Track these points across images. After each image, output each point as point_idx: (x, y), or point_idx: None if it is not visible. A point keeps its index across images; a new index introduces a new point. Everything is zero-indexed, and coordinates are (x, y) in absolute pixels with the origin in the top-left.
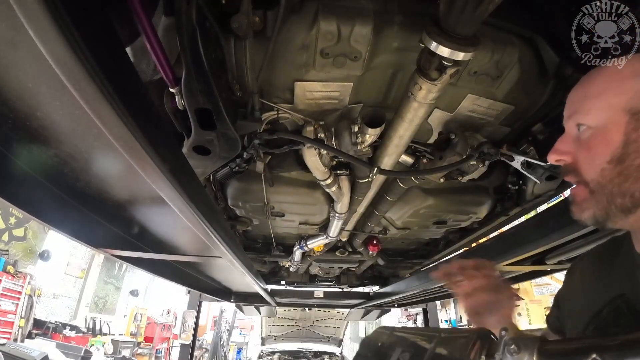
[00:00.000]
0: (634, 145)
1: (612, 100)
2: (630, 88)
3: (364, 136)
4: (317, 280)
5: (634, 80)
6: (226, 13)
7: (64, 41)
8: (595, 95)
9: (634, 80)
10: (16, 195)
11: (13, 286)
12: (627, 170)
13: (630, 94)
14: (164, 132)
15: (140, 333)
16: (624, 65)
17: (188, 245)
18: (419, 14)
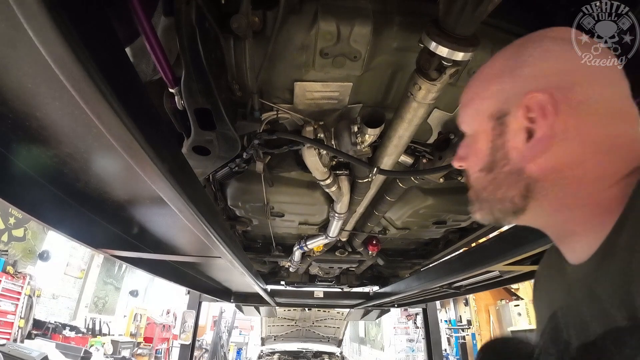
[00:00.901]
0: (500, 152)
1: (478, 106)
2: (494, 91)
3: (364, 136)
4: (317, 281)
5: (497, 83)
6: (226, 13)
7: (63, 41)
8: (467, 102)
9: (496, 83)
10: (16, 196)
11: (12, 287)
12: (497, 178)
13: (494, 97)
14: (164, 132)
15: (140, 333)
16: (488, 69)
17: (187, 245)
18: (419, 14)
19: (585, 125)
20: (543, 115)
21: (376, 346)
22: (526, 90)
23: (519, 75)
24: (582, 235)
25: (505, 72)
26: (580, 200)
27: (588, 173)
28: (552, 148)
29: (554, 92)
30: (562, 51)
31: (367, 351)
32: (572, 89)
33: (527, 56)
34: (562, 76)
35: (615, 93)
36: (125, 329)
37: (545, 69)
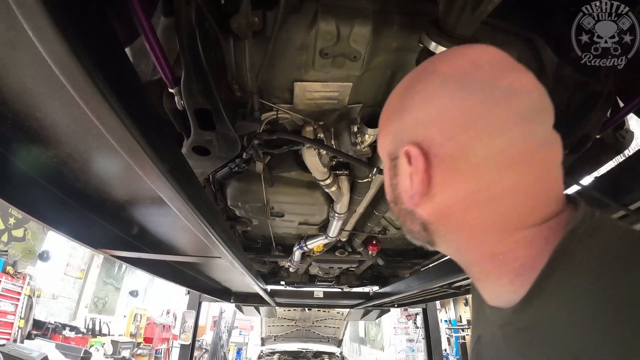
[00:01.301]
0: (396, 191)
1: (381, 142)
2: (389, 130)
3: (364, 136)
4: (317, 281)
5: (391, 122)
6: (225, 13)
7: (62, 41)
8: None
9: (390, 122)
10: (15, 196)
11: (12, 287)
12: (401, 212)
13: (388, 138)
14: (163, 132)
15: (140, 333)
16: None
17: (187, 245)
18: (419, 14)
19: (465, 180)
20: (416, 169)
21: (376, 346)
22: (407, 138)
23: (403, 121)
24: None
25: (395, 114)
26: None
27: (475, 224)
28: (436, 197)
29: (429, 146)
30: (445, 99)
31: (367, 351)
32: (449, 144)
33: (411, 99)
34: (440, 129)
35: (505, 147)
36: (125, 329)
37: (424, 119)
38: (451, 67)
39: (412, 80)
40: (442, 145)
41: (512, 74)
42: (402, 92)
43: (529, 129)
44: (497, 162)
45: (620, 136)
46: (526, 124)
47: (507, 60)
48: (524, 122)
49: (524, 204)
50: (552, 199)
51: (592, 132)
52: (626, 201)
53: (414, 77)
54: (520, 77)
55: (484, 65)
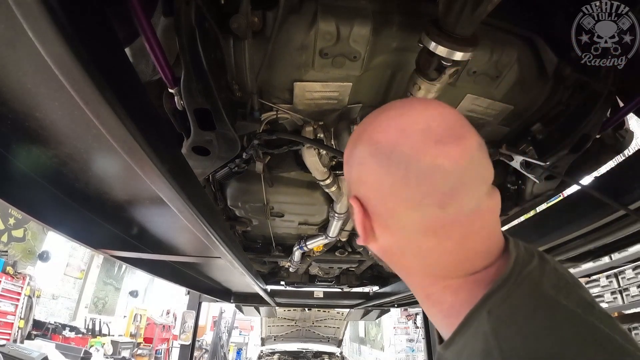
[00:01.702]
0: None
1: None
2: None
3: None
4: (317, 281)
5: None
6: (225, 13)
7: (62, 42)
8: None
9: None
10: (15, 196)
11: (12, 287)
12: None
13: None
14: (163, 132)
15: (140, 334)
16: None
17: (187, 245)
18: (418, 14)
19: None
20: (357, 218)
21: (376, 346)
22: (352, 191)
23: (350, 174)
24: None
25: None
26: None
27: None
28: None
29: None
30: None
31: (367, 351)
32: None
33: (353, 158)
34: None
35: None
36: (125, 330)
37: (360, 179)
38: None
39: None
40: (374, 206)
41: (437, 148)
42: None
43: (448, 203)
44: (418, 228)
45: (620, 136)
46: (446, 199)
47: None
48: (444, 198)
49: (448, 260)
50: (479, 255)
51: (592, 132)
52: (626, 201)
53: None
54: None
55: (411, 138)
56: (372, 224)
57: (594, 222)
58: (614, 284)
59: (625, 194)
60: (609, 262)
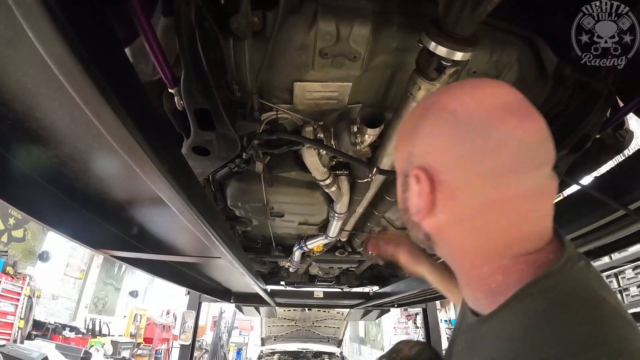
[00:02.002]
0: (406, 203)
1: (396, 157)
2: (403, 150)
3: (363, 136)
4: (317, 281)
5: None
6: (225, 13)
7: (62, 42)
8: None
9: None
10: (15, 196)
11: (12, 287)
12: (409, 222)
13: (402, 155)
14: (163, 132)
15: (140, 334)
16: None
17: (187, 246)
18: (418, 14)
19: (461, 208)
20: (421, 190)
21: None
22: (416, 162)
23: (414, 146)
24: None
25: (408, 138)
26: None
27: (466, 245)
28: (437, 215)
29: (434, 173)
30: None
31: (367, 351)
32: (450, 175)
33: (422, 128)
34: (443, 160)
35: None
36: (125, 330)
37: (431, 149)
38: (460, 105)
39: (425, 111)
40: (444, 175)
41: (514, 120)
42: (416, 119)
43: (521, 176)
44: (486, 200)
45: (620, 136)
46: (519, 172)
47: (515, 103)
48: (518, 170)
49: (507, 237)
50: (534, 237)
51: (592, 131)
52: (626, 201)
53: (427, 108)
54: (523, 123)
55: (489, 108)
56: (436, 197)
57: (594, 222)
58: (614, 284)
59: (625, 194)
60: (609, 262)
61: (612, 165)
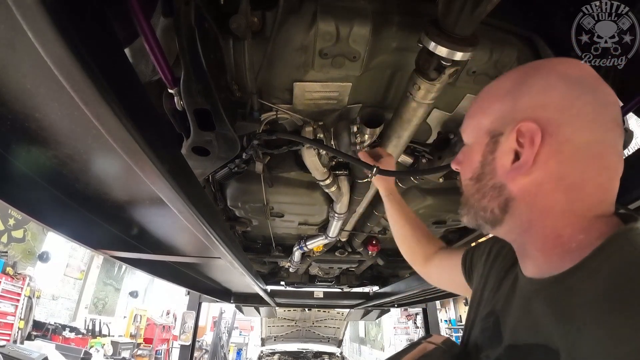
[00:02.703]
0: (489, 166)
1: (480, 120)
2: (495, 110)
3: (363, 136)
4: (317, 281)
5: (500, 103)
6: (225, 14)
7: (62, 42)
8: (472, 114)
9: (499, 103)
10: (15, 197)
11: (12, 288)
12: (483, 188)
13: (494, 115)
14: (163, 133)
15: (140, 334)
16: (496, 87)
17: (187, 246)
18: (418, 14)
19: (564, 163)
20: (531, 143)
21: (376, 346)
22: (522, 117)
23: (519, 101)
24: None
25: (508, 95)
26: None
27: (555, 205)
28: (533, 174)
29: (545, 126)
30: (563, 90)
31: (367, 351)
32: (562, 127)
33: (531, 85)
34: (556, 113)
35: (600, 142)
36: (125, 330)
37: (543, 102)
38: (568, 69)
39: (530, 71)
40: (558, 127)
41: (607, 89)
42: (517, 78)
43: (616, 134)
44: (592, 153)
45: None
46: (616, 130)
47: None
48: (616, 128)
49: (596, 194)
50: (612, 199)
51: None
52: (626, 201)
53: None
54: (611, 92)
55: (589, 76)
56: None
57: None
58: None
59: (625, 193)
60: None
61: None
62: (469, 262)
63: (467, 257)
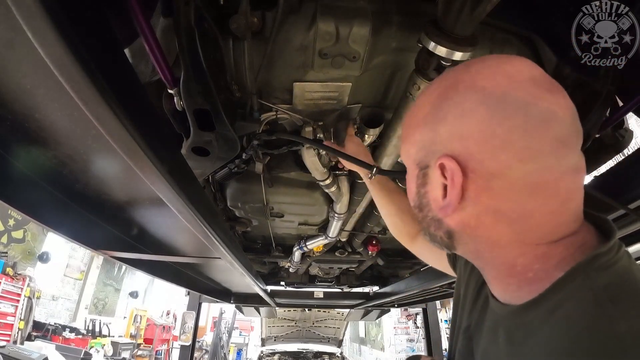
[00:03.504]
0: (424, 199)
1: (408, 149)
2: (417, 140)
3: (363, 136)
4: (317, 281)
5: (419, 132)
6: (225, 14)
7: (62, 42)
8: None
9: (419, 132)
10: (15, 197)
11: (12, 288)
12: (425, 219)
13: (417, 145)
14: (163, 133)
15: (140, 335)
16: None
17: (187, 246)
18: (418, 14)
19: (497, 197)
20: (451, 181)
21: (376, 346)
22: (442, 150)
23: (437, 131)
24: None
25: (427, 123)
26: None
27: (501, 237)
28: (466, 209)
29: (465, 161)
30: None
31: (368, 351)
32: (485, 162)
33: (447, 110)
34: (476, 146)
35: (539, 171)
36: (125, 331)
37: (460, 133)
38: (490, 82)
39: (448, 90)
40: (480, 162)
41: (549, 95)
42: (434, 101)
43: (562, 153)
44: (531, 184)
45: (620, 135)
46: (561, 149)
47: (544, 78)
48: (560, 147)
49: (548, 222)
50: (572, 218)
51: (592, 131)
52: (625, 200)
53: (448, 87)
54: (557, 98)
55: (522, 84)
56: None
57: None
58: None
59: (625, 193)
60: None
61: (611, 164)
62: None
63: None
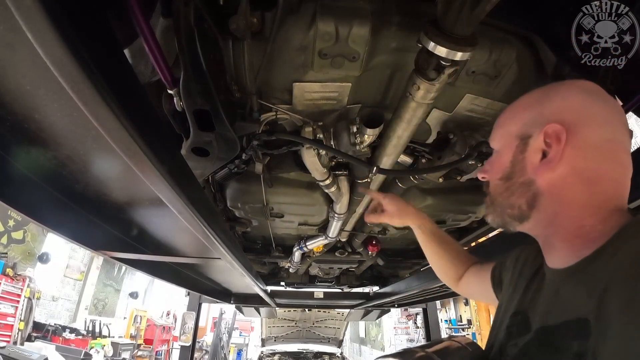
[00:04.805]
0: (519, 164)
1: (509, 128)
2: (523, 117)
3: (363, 136)
4: (317, 281)
5: (527, 111)
6: (224, 14)
7: (61, 43)
8: (501, 124)
9: (527, 111)
10: (15, 198)
11: (12, 289)
12: (513, 186)
13: (523, 122)
14: (163, 133)
15: (140, 335)
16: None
17: (187, 247)
18: (417, 14)
19: (584, 158)
20: (557, 141)
21: (376, 346)
22: (548, 120)
23: (545, 108)
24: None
25: (535, 104)
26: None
27: (578, 198)
28: (558, 169)
29: (568, 126)
30: (581, 98)
31: (368, 351)
32: (581, 127)
33: (554, 95)
34: (576, 116)
35: (612, 141)
36: (126, 331)
37: (566, 108)
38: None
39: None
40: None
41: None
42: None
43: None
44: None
45: None
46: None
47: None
48: (625, 130)
49: (612, 188)
50: (625, 194)
51: None
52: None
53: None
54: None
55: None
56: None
57: None
58: None
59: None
60: None
61: None
62: (497, 275)
63: (496, 271)
